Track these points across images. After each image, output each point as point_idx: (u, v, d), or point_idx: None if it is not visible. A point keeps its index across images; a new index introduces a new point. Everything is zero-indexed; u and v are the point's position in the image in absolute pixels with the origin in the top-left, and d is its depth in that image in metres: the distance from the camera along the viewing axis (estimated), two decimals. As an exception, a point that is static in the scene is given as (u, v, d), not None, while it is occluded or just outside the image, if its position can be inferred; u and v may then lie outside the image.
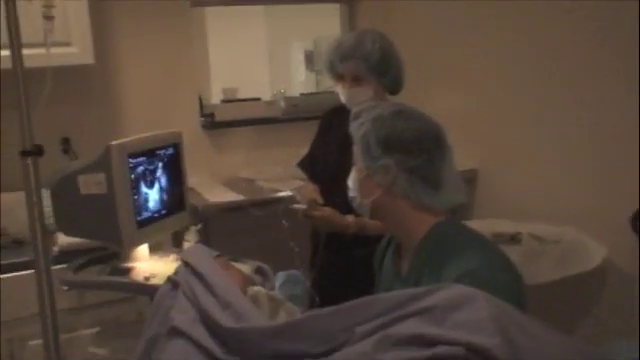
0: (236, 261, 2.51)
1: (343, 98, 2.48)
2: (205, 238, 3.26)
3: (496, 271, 1.56)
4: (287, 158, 3.27)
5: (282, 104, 3.94)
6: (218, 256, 1.81)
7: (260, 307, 1.75)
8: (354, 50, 2.40)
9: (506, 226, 3.05)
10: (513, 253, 2.73)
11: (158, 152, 2.36)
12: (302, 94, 4.29)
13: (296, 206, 2.40)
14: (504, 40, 3.45)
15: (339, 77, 2.48)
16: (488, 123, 3.65)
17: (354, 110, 1.78)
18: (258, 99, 3.96)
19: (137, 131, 3.11)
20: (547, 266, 2.75)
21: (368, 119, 1.70)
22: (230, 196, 3.27)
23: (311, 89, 4.88)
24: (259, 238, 2.94)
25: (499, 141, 3.59)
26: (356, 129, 1.73)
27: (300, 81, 5.27)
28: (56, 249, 2.71)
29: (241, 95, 4.08)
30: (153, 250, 2.50)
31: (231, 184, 3.60)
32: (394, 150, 1.66)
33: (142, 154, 2.26)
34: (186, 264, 1.69)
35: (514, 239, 2.81)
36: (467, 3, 3.65)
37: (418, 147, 1.66)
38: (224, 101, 3.95)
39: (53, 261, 2.59)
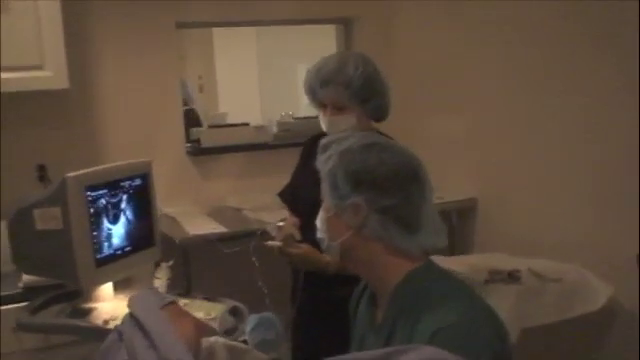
0: (210, 300, 2.36)
1: (324, 126, 2.31)
2: (184, 272, 3.11)
3: (475, 326, 1.38)
4: (277, 186, 3.13)
5: (273, 129, 3.77)
6: (171, 303, 1.62)
7: (217, 359, 1.58)
8: (335, 75, 2.22)
9: (505, 261, 2.86)
10: (510, 292, 2.59)
11: (122, 184, 2.19)
12: (296, 118, 4.13)
13: (270, 243, 2.22)
14: (506, 65, 3.32)
15: (320, 104, 2.31)
16: (489, 150, 3.49)
17: (322, 141, 1.61)
18: (247, 124, 3.80)
19: (119, 158, 2.95)
20: (548, 306, 2.57)
21: (336, 152, 1.52)
22: (211, 227, 3.10)
23: (308, 112, 4.72)
24: (241, 272, 2.77)
25: (500, 169, 3.43)
26: (323, 163, 1.55)
27: (295, 104, 5.12)
28: (21, 285, 2.56)
29: (231, 120, 3.95)
30: (122, 287, 2.33)
31: (216, 213, 3.43)
32: (365, 187, 1.48)
33: (104, 186, 2.09)
34: (131, 314, 1.51)
35: (512, 277, 2.62)
36: (467, 25, 3.51)
37: (392, 184, 1.48)
38: (211, 126, 3.79)
39: (17, 298, 2.48)
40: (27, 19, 2.83)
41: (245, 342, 1.91)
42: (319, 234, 1.61)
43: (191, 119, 5.17)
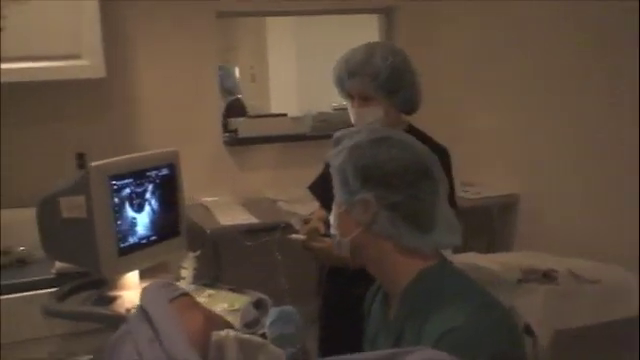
0: (236, 292, 2.35)
1: (352, 118, 2.27)
2: (214, 262, 3.12)
3: (483, 329, 1.32)
4: (313, 178, 3.11)
5: (310, 120, 3.74)
6: (182, 295, 1.61)
7: (226, 354, 1.56)
8: (362, 66, 2.17)
9: (542, 261, 2.78)
10: (544, 293, 2.50)
11: (149, 173, 2.19)
12: (334, 109, 4.09)
13: (294, 236, 2.19)
14: (553, 59, 3.20)
15: (347, 95, 2.26)
16: (533, 145, 3.40)
17: (335, 135, 1.57)
18: (284, 115, 3.78)
19: (156, 146, 2.98)
20: (584, 308, 2.48)
21: (346, 147, 1.48)
22: (242, 218, 3.08)
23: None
24: (270, 264, 2.77)
25: (543, 165, 3.33)
26: (334, 158, 1.51)
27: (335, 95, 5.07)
28: (53, 271, 2.60)
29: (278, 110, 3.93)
30: (148, 276, 2.34)
31: (251, 204, 3.43)
32: (374, 183, 1.43)
33: (129, 175, 2.10)
34: (140, 306, 1.51)
35: (547, 276, 2.54)
36: (511, 17, 3.41)
37: (402, 181, 1.42)
38: (249, 117, 3.79)
39: (49, 284, 2.52)
40: (65, 9, 2.86)
41: (264, 335, 1.90)
42: (331, 230, 1.58)
43: (236, 109, 5.20)
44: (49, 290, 2.40)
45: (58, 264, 2.56)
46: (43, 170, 3.15)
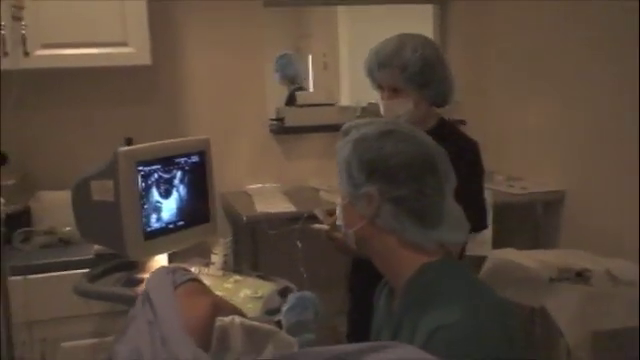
0: (263, 279, 2.38)
1: (381, 110, 2.26)
2: (252, 249, 3.16)
3: (477, 328, 1.30)
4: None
5: (358, 110, 3.73)
6: (190, 280, 1.64)
7: (231, 340, 1.59)
8: (392, 58, 2.16)
9: (582, 260, 2.72)
10: (576, 293, 2.44)
11: (178, 160, 2.23)
12: (385, 100, 4.05)
13: (317, 226, 2.20)
14: (604, 55, 3.10)
15: (378, 86, 2.25)
16: (580, 141, 3.30)
17: (344, 126, 1.57)
18: (332, 104, 3.78)
19: (201, 132, 3.04)
20: (617, 310, 2.40)
21: (352, 139, 1.48)
22: (281, 207, 3.11)
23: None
24: (308, 252, 2.79)
25: (591, 162, 3.23)
26: (339, 149, 1.51)
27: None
28: (92, 252, 2.68)
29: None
30: (179, 260, 2.39)
31: (293, 193, 3.45)
32: (378, 177, 1.43)
33: (157, 162, 2.14)
34: (145, 290, 1.55)
35: (581, 276, 2.47)
36: (563, 13, 3.31)
37: (406, 175, 1.41)
38: (296, 105, 3.80)
39: (88, 264, 2.60)
40: (113, -3, 2.93)
41: (280, 322, 1.91)
42: (338, 221, 1.59)
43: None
44: (86, 270, 2.49)
45: (96, 246, 2.64)
46: (93, 154, 3.23)
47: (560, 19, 3.36)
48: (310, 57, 6.67)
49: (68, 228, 2.91)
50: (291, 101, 4.69)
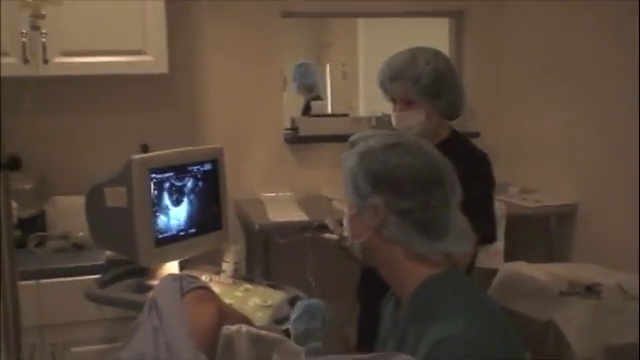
0: (273, 287, 2.39)
1: (393, 121, 2.27)
2: (264, 257, 3.17)
3: (481, 339, 1.32)
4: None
5: (372, 121, 3.75)
6: (198, 288, 1.66)
7: (236, 348, 1.60)
8: (404, 71, 2.17)
9: (593, 274, 2.71)
10: (585, 307, 2.43)
11: (190, 168, 2.26)
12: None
13: (327, 235, 2.22)
14: (616, 66, 3.09)
15: (390, 98, 2.27)
16: (594, 154, 3.29)
17: (351, 138, 1.58)
18: (346, 115, 3.80)
19: (216, 140, 3.08)
20: (628, 325, 2.39)
21: (358, 151, 1.50)
22: (294, 215, 3.13)
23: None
24: (319, 260, 2.80)
25: (604, 175, 3.23)
26: (345, 161, 1.52)
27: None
28: (104, 258, 2.71)
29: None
30: (190, 267, 2.42)
31: (306, 202, 3.47)
32: (384, 188, 1.44)
33: (170, 169, 2.17)
34: (152, 297, 1.57)
35: (591, 290, 2.46)
36: (577, 25, 3.31)
37: (412, 187, 1.43)
38: (310, 115, 3.82)
39: (99, 270, 2.63)
40: (132, 5, 2.97)
41: (288, 331, 1.92)
42: (344, 231, 1.60)
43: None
44: (98, 276, 2.51)
45: (108, 252, 2.67)
46: (109, 160, 3.27)
47: (576, 31, 3.36)
48: (328, 66, 6.68)
49: (81, 233, 2.94)
50: (307, 110, 4.72)
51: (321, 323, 1.94)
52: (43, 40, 2.75)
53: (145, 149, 3.37)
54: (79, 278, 2.62)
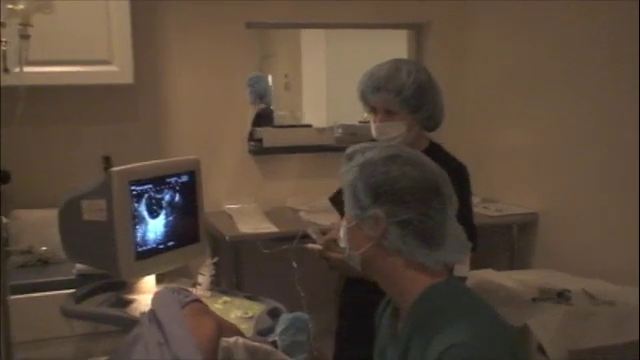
0: (252, 299, 2.38)
1: (373, 132, 2.29)
2: (234, 269, 3.15)
3: (488, 347, 1.33)
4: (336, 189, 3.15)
5: (338, 132, 3.77)
6: (194, 301, 1.65)
7: (233, 361, 1.59)
8: (387, 81, 2.20)
9: (559, 280, 2.79)
10: (558, 312, 2.49)
11: (169, 180, 2.23)
12: (361, 122, 4.11)
13: (311, 245, 2.21)
14: (577, 79, 3.19)
15: (371, 109, 2.29)
16: (554, 164, 3.39)
17: (347, 151, 1.59)
18: (309, 126, 3.81)
19: (182, 153, 3.05)
20: (598, 329, 2.47)
21: (358, 163, 1.51)
22: (263, 227, 3.12)
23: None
24: (287, 273, 2.79)
25: (564, 185, 3.32)
26: (345, 174, 1.53)
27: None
28: (74, 272, 2.65)
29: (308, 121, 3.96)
30: (167, 281, 2.38)
31: (274, 213, 3.47)
32: (385, 200, 1.46)
33: (149, 181, 2.14)
34: (152, 310, 1.55)
35: (562, 296, 2.53)
36: (538, 38, 3.42)
37: (413, 198, 1.45)
38: (274, 126, 3.83)
39: (70, 285, 2.56)
40: (97, 15, 2.93)
41: (275, 343, 1.91)
42: (341, 243, 1.61)
43: (265, 117, 5.23)
44: (69, 291, 2.45)
45: (78, 265, 2.61)
46: (70, 172, 3.22)
47: (537, 44, 3.45)
48: (270, 77, 6.70)
49: (45, 248, 2.87)
50: (258, 121, 4.71)
51: (307, 336, 1.95)
52: (4, 49, 2.67)
53: (108, 161, 3.32)
54: (48, 293, 2.56)
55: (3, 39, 1.78)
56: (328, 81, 6.21)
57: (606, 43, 3.02)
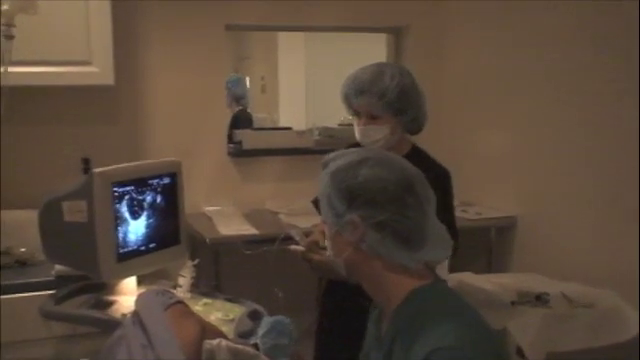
0: (232, 301, 2.37)
1: (357, 135, 2.30)
2: (214, 271, 3.15)
3: (472, 350, 1.34)
4: (316, 192, 3.15)
5: (316, 134, 3.79)
6: (177, 303, 1.64)
7: (217, 363, 1.59)
8: (370, 85, 2.21)
9: (538, 283, 2.82)
10: (536, 316, 2.53)
11: (151, 181, 2.22)
12: (340, 125, 4.13)
13: (293, 247, 2.22)
14: (556, 83, 3.24)
15: (355, 112, 2.30)
16: (532, 168, 3.43)
17: (323, 159, 1.60)
18: (289, 128, 3.82)
19: (161, 155, 3.01)
20: (576, 332, 2.51)
21: (329, 171, 1.51)
22: (243, 229, 3.12)
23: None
24: (268, 275, 2.79)
25: (542, 189, 3.37)
26: (319, 182, 1.54)
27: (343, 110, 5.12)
28: (53, 273, 2.62)
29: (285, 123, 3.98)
30: (147, 283, 2.37)
31: (253, 215, 3.47)
32: (359, 204, 1.46)
33: (131, 183, 2.13)
34: (135, 311, 1.54)
35: (540, 299, 2.56)
36: (517, 42, 3.46)
37: (385, 199, 1.45)
38: (254, 129, 3.83)
39: (48, 286, 2.54)
40: (77, 16, 2.91)
41: (257, 345, 1.91)
42: (327, 251, 1.61)
43: (242, 120, 5.24)
44: (48, 292, 2.42)
45: (58, 267, 2.58)
46: (48, 173, 3.19)
47: (512, 46, 3.49)
48: (248, 79, 6.71)
49: (23, 249, 2.84)
50: (236, 123, 4.72)
51: (288, 339, 1.96)
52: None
53: (87, 163, 3.29)
54: (27, 295, 2.53)
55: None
56: (307, 83, 6.21)
57: (586, 44, 3.06)
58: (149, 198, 2.23)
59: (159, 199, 2.27)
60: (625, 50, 2.82)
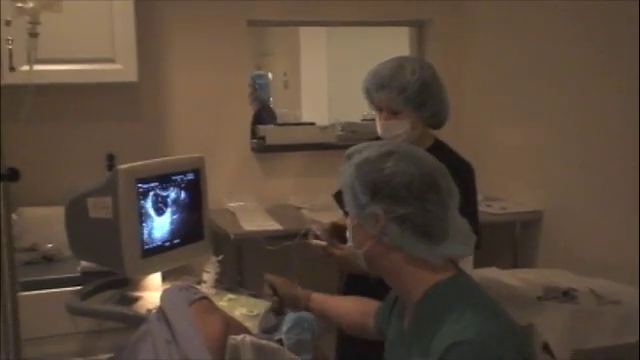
0: (257, 297, 2.38)
1: (379, 130, 2.29)
2: (237, 267, 3.16)
3: (492, 344, 1.33)
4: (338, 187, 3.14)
5: (338, 129, 3.78)
6: (201, 299, 1.65)
7: (242, 358, 1.60)
8: (390, 79, 2.19)
9: (564, 279, 2.79)
10: (563, 311, 2.50)
11: (174, 178, 2.24)
12: (364, 119, 4.12)
13: (315, 242, 2.21)
14: (580, 75, 3.20)
15: (376, 107, 2.29)
16: (558, 161, 3.38)
17: (347, 151, 1.60)
18: (312, 124, 3.82)
19: (185, 151, 3.04)
20: (603, 329, 2.47)
21: (354, 163, 1.51)
22: (266, 224, 3.13)
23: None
24: (294, 270, 2.79)
25: (568, 182, 3.31)
26: (343, 173, 1.54)
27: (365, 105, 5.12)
28: (79, 269, 2.65)
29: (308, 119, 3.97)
30: (171, 278, 2.38)
31: (276, 211, 3.47)
32: (382, 197, 1.46)
33: (155, 179, 2.15)
34: (160, 307, 1.55)
35: (567, 295, 2.53)
36: (542, 34, 3.41)
37: (409, 193, 1.45)
38: (277, 124, 3.83)
39: (75, 282, 2.57)
40: (101, 13, 2.93)
41: (281, 341, 1.92)
42: (349, 242, 1.61)
43: (267, 115, 5.25)
44: (74, 288, 2.45)
45: (84, 263, 2.61)
46: (73, 170, 3.22)
47: (539, 41, 3.45)
48: (270, 76, 6.72)
49: (50, 245, 2.87)
50: (260, 119, 4.72)
51: (311, 335, 1.96)
52: (9, 47, 2.67)
53: (111, 159, 3.31)
54: (53, 290, 2.56)
55: (9, 37, 1.76)
56: (329, 79, 6.20)
57: (606, 41, 3.02)
58: (173, 194, 2.24)
59: (183, 195, 2.29)
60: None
